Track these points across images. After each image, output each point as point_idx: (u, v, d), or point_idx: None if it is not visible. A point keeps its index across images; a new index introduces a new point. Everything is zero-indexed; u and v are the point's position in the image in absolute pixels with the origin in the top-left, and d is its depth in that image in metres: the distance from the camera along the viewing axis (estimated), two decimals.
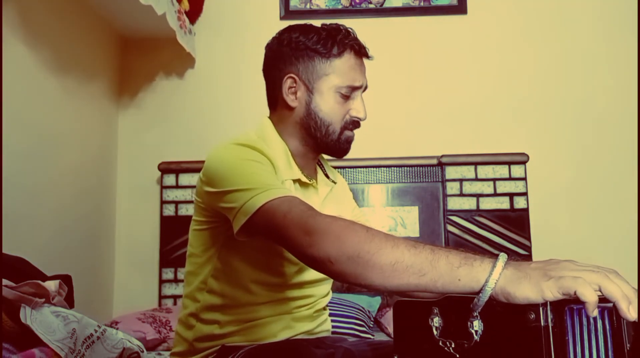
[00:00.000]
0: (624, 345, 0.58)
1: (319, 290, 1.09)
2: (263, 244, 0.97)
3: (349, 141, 1.07)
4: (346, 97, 1.04)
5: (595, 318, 0.59)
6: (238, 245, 0.96)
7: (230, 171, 0.92)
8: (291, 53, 1.04)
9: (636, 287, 0.59)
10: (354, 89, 1.04)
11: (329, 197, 1.13)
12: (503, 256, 0.65)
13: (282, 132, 1.08)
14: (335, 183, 1.17)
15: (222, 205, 0.92)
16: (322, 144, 1.06)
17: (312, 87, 1.03)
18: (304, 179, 1.06)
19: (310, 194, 1.08)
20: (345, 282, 0.77)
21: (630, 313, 0.56)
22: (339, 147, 1.06)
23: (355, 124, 1.07)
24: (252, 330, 1.00)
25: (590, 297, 0.56)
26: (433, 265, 0.68)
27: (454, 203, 2.29)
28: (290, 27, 1.08)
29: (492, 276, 0.63)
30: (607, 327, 0.60)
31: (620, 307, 0.56)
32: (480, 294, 0.63)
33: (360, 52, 1.06)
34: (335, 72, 1.03)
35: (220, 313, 1.01)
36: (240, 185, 0.88)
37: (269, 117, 1.11)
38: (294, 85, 1.04)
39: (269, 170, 0.94)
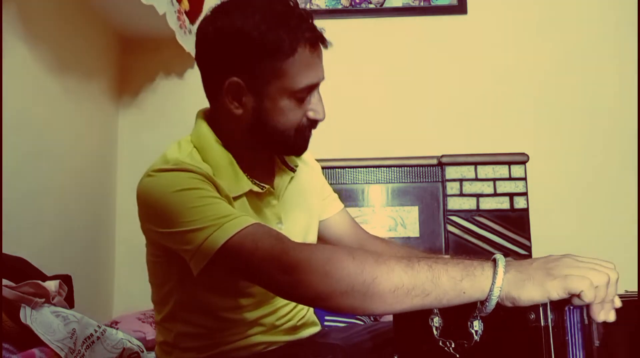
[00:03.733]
0: (592, 342, 0.60)
1: None
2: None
3: (305, 140, 0.94)
4: (302, 99, 0.88)
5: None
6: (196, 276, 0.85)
7: (171, 207, 0.78)
8: (231, 50, 0.84)
9: (636, 287, 0.59)
10: (310, 89, 0.88)
11: (289, 191, 1.01)
12: (501, 259, 0.64)
13: (224, 138, 0.92)
14: (296, 166, 1.03)
15: (173, 246, 0.81)
16: (275, 149, 0.95)
17: (260, 92, 0.86)
18: (255, 188, 0.93)
19: (267, 202, 0.96)
20: (344, 313, 0.74)
21: (598, 315, 0.59)
22: (294, 147, 0.94)
23: (312, 125, 0.93)
24: (234, 353, 0.94)
25: (590, 299, 0.58)
26: (435, 283, 0.64)
27: (454, 203, 2.29)
28: (225, 8, 0.87)
29: (495, 285, 0.62)
30: (578, 324, 0.61)
31: (592, 308, 0.59)
32: (487, 303, 0.62)
33: (316, 42, 0.87)
34: (287, 74, 0.84)
35: (197, 340, 0.94)
36: (189, 224, 0.76)
37: (207, 116, 0.96)
38: (238, 90, 0.87)
39: (213, 195, 0.81)
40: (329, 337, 1.04)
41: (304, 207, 1.05)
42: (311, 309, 1.07)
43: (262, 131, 0.90)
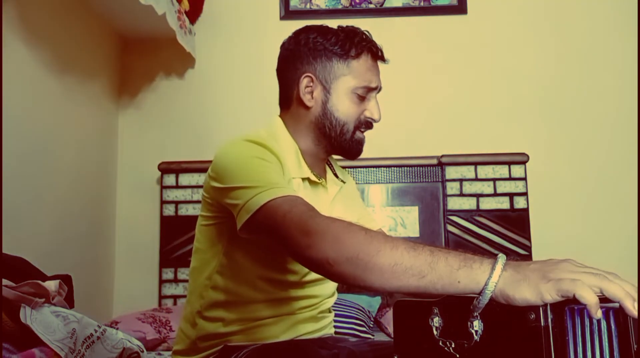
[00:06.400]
0: (631, 345, 0.58)
1: (324, 288, 1.09)
2: (267, 241, 0.97)
3: (360, 143, 1.09)
4: (362, 98, 1.06)
5: (598, 319, 0.59)
6: (243, 241, 0.96)
7: (237, 167, 0.93)
8: (309, 53, 1.05)
9: (636, 287, 0.58)
10: (369, 90, 1.06)
11: (338, 197, 1.14)
12: (502, 258, 0.65)
13: (294, 131, 1.08)
14: (344, 182, 1.18)
15: (227, 201, 0.93)
16: (336, 144, 1.07)
17: (329, 87, 1.05)
18: (313, 178, 1.06)
19: (320, 193, 1.09)
20: (344, 283, 0.77)
21: (637, 311, 0.55)
22: (351, 147, 1.08)
23: (368, 125, 1.09)
24: (256, 330, 1.00)
25: (590, 299, 0.56)
26: (432, 267, 0.67)
27: (454, 203, 2.29)
28: (307, 28, 1.09)
29: (491, 279, 0.63)
30: (613, 327, 0.59)
31: (626, 305, 0.56)
32: (480, 297, 0.63)
33: (377, 54, 1.08)
34: (352, 73, 1.04)
35: (225, 311, 1.01)
36: (245, 182, 0.89)
37: (280, 116, 1.11)
38: (311, 84, 1.05)
39: (275, 169, 0.94)
40: (337, 340, 1.09)
41: (346, 216, 1.11)
42: (330, 305, 1.14)
43: (327, 123, 1.06)
